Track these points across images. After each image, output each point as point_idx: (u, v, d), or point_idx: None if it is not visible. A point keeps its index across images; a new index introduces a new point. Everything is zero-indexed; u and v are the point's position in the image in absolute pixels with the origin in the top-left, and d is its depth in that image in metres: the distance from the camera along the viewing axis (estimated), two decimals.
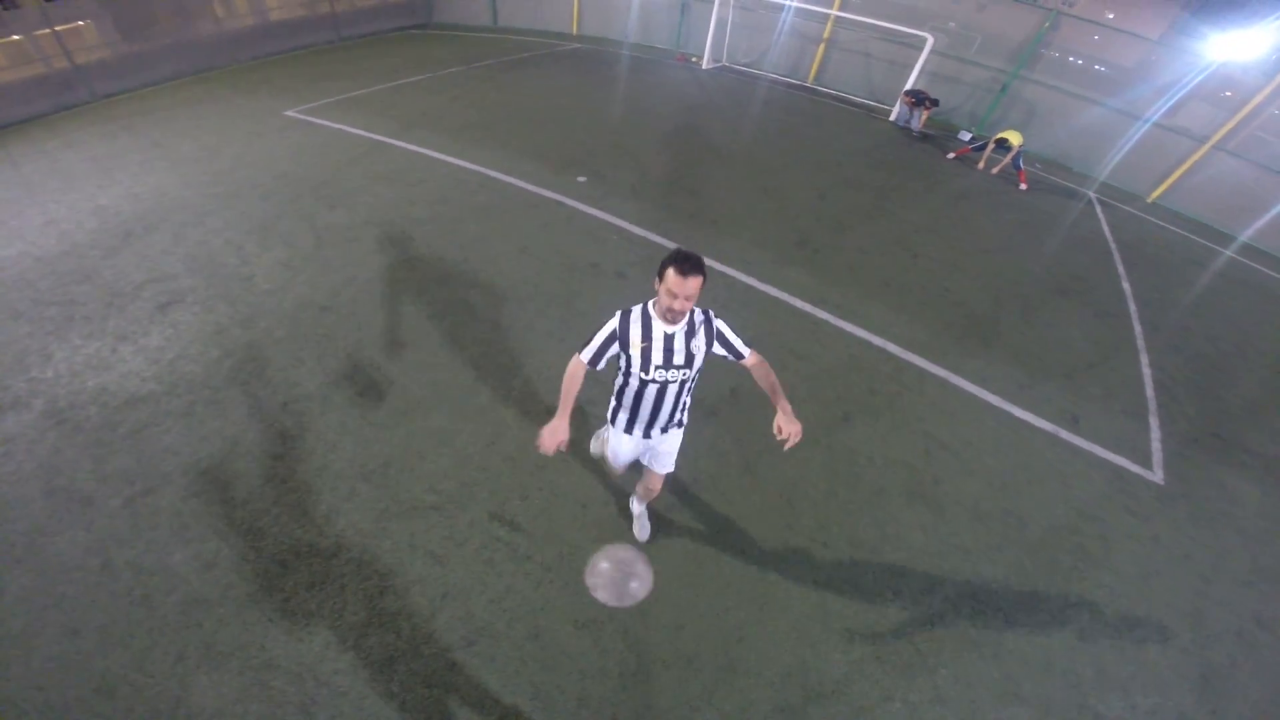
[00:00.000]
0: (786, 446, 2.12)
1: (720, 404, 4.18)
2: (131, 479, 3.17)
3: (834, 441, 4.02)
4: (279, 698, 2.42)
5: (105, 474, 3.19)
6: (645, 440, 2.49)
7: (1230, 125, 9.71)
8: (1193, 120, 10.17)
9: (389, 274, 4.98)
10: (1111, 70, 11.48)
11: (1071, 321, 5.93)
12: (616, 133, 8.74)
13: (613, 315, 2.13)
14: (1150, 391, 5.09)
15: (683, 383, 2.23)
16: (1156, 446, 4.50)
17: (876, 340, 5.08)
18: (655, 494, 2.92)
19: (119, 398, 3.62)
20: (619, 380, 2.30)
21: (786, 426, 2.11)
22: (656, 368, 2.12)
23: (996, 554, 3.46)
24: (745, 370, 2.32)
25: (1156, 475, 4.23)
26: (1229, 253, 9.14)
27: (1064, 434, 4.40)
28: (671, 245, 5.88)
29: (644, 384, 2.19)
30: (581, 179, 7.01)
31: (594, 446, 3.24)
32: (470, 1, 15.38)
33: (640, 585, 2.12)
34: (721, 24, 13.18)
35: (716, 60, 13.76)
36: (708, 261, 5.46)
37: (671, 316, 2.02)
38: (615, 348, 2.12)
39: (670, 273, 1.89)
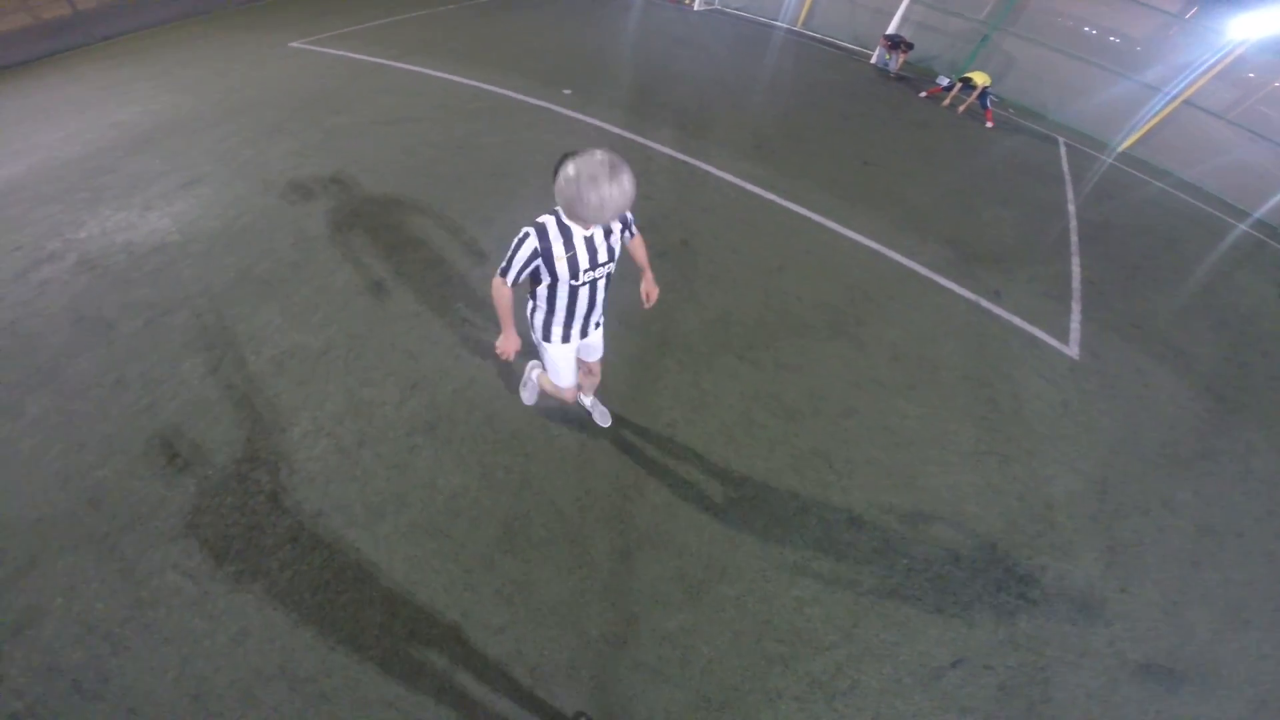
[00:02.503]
0: (649, 305, 2.38)
1: (670, 249, 4.45)
2: (152, 304, 3.37)
3: (769, 283, 4.26)
4: (252, 488, 2.50)
5: (129, 302, 3.37)
6: (582, 340, 2.39)
7: (1201, 83, 9.42)
8: (1168, 78, 9.77)
9: (390, 158, 5.21)
10: (1095, 30, 11.19)
11: (1009, 224, 6.04)
12: (605, 60, 8.78)
13: (525, 233, 1.90)
14: (1076, 284, 5.16)
15: (608, 276, 2.15)
16: (1075, 327, 4.54)
17: (816, 217, 5.28)
18: (598, 380, 2.91)
19: (145, 247, 3.84)
20: (543, 297, 2.14)
21: (651, 289, 2.37)
22: (585, 271, 2.02)
23: (911, 392, 3.58)
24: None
25: (1072, 351, 4.26)
26: (1187, 198, 8.89)
27: (985, 303, 4.54)
28: (645, 143, 6.08)
29: (575, 290, 2.09)
30: (567, 91, 7.15)
31: (526, 397, 3.09)
32: None
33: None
34: None
35: (709, 3, 13.52)
36: (673, 153, 5.87)
37: None
38: (537, 263, 1.96)
39: None
